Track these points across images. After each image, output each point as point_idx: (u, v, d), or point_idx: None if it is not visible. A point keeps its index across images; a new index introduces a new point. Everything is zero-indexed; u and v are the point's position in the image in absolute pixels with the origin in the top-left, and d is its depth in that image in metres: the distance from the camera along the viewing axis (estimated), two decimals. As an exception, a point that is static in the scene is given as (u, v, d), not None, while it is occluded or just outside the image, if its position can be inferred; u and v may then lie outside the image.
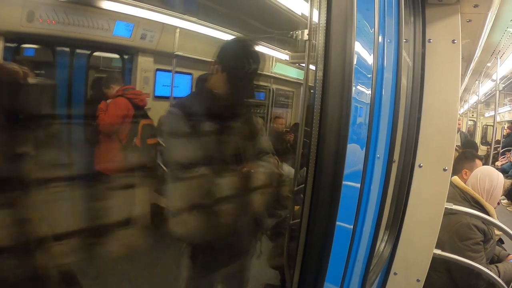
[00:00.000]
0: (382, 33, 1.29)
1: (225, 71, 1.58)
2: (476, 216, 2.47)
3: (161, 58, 2.28)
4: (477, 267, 2.36)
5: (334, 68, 0.87)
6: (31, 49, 1.85)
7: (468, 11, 2.13)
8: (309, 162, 0.90)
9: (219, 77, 1.59)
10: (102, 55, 2.22)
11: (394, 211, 2.11)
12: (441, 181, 2.18)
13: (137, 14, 2.04)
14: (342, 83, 0.87)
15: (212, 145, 1.62)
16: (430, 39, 2.10)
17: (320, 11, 0.92)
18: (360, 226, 1.27)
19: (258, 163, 1.68)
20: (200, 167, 1.55)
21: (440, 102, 2.11)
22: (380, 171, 1.45)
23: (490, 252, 2.67)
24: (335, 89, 0.87)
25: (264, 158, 1.74)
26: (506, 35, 4.65)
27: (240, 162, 1.66)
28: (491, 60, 6.25)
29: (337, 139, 0.87)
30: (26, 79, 1.21)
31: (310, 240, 0.93)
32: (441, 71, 2.10)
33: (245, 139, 1.71)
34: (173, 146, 1.60)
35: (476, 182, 2.74)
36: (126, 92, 1.91)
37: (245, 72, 1.59)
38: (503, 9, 3.50)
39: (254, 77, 1.64)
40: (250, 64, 1.58)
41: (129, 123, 1.88)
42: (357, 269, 1.42)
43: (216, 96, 1.61)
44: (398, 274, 2.26)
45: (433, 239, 2.20)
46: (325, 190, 0.88)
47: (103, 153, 1.87)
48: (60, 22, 1.78)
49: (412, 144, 2.09)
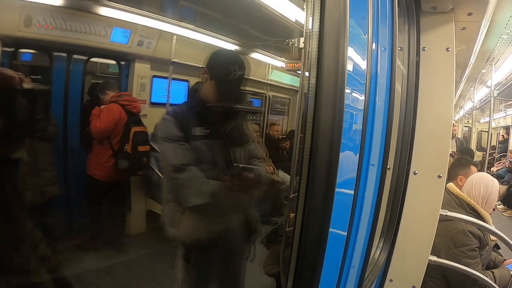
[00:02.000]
0: (376, 41, 1.29)
1: (213, 79, 1.66)
2: (472, 223, 2.48)
3: (158, 65, 2.28)
4: (473, 273, 2.36)
5: (327, 75, 0.88)
6: (28, 54, 1.85)
7: (462, 19, 2.15)
8: (302, 169, 0.91)
9: (208, 85, 1.68)
10: (99, 61, 2.23)
11: (389, 218, 2.11)
12: (436, 187, 2.18)
13: (134, 20, 2.05)
14: (335, 90, 0.87)
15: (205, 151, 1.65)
16: (424, 47, 2.12)
17: (314, 18, 0.93)
18: (354, 233, 1.27)
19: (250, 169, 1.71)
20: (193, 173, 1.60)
21: (434, 109, 2.12)
22: (375, 178, 1.45)
23: (486, 258, 2.67)
24: (328, 96, 0.87)
25: (256, 164, 1.79)
26: (501, 42, 4.70)
27: (231, 168, 1.69)
28: (486, 67, 6.30)
29: (330, 146, 0.87)
30: (21, 85, 1.21)
31: (303, 247, 0.93)
32: (436, 79, 2.11)
33: (236, 145, 1.76)
34: (167, 152, 1.64)
35: (471, 189, 2.75)
36: (119, 98, 1.92)
37: (231, 79, 1.65)
38: (497, 17, 3.54)
39: (240, 83, 1.70)
40: (236, 71, 1.64)
41: (121, 129, 1.89)
42: (352, 276, 1.42)
43: (207, 103, 1.68)
44: (394, 281, 2.25)
45: (428, 245, 2.20)
46: (318, 197, 0.88)
47: (95, 159, 1.87)
48: (57, 28, 1.78)
49: (406, 151, 2.10)
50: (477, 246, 2.52)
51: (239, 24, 2.30)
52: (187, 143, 1.61)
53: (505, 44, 4.78)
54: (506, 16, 3.66)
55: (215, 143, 1.68)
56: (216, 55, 1.80)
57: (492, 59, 5.67)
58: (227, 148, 1.72)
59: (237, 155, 1.75)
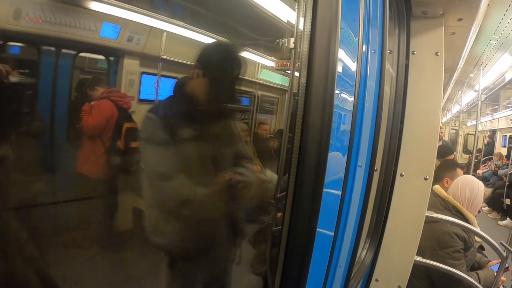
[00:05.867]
0: (367, 43, 1.31)
1: (206, 76, 1.52)
2: (457, 224, 2.51)
3: (147, 61, 2.26)
4: (458, 274, 2.40)
5: (317, 75, 0.88)
6: (16, 47, 1.82)
7: (452, 24, 2.18)
8: (290, 169, 0.91)
9: (199, 82, 1.53)
10: (88, 56, 2.20)
11: (376, 219, 2.14)
12: (422, 189, 2.21)
13: (124, 16, 2.03)
14: (325, 90, 0.88)
15: (191, 151, 1.55)
16: (414, 51, 2.14)
17: (305, 19, 0.93)
18: (341, 233, 1.28)
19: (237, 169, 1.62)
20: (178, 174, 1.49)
21: (422, 112, 2.15)
22: (362, 179, 1.47)
23: (471, 259, 2.71)
24: (317, 96, 0.88)
25: (244, 164, 1.69)
26: (489, 47, 4.76)
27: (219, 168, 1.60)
28: (474, 71, 6.38)
29: (319, 146, 0.87)
30: (8, 78, 1.19)
31: (290, 246, 0.94)
32: (424, 83, 2.14)
33: (225, 146, 1.66)
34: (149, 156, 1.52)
35: (456, 191, 2.79)
36: (110, 94, 1.89)
37: (227, 78, 1.54)
38: (486, 23, 3.59)
39: (236, 84, 1.59)
40: (233, 69, 1.53)
41: (112, 126, 1.86)
42: (339, 275, 1.43)
43: (195, 101, 1.54)
44: (379, 280, 2.28)
45: (414, 246, 2.23)
46: (306, 197, 0.88)
47: (86, 156, 1.84)
48: (47, 21, 1.75)
49: (394, 153, 2.12)
50: (462, 247, 2.56)
51: (230, 22, 2.29)
52: (172, 145, 1.48)
53: (493, 49, 4.84)
54: (496, 22, 3.71)
55: (202, 144, 1.57)
56: (211, 50, 1.65)
57: (480, 64, 5.74)
58: (214, 149, 1.62)
59: (224, 156, 1.65)
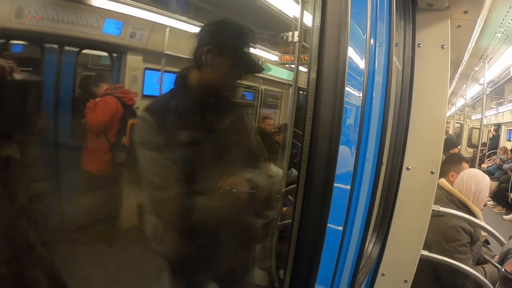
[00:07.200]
0: (374, 36, 1.29)
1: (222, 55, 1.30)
2: (463, 218, 2.50)
3: (150, 57, 2.26)
4: (463, 268, 2.39)
5: (327, 70, 0.87)
6: (19, 45, 1.82)
7: (458, 16, 2.16)
8: (301, 164, 0.90)
9: (209, 69, 1.30)
10: (91, 53, 2.20)
11: (382, 213, 2.13)
12: (429, 183, 2.20)
13: (127, 12, 2.02)
14: (335, 85, 0.87)
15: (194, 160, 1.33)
16: (419, 44, 2.12)
17: (315, 14, 0.92)
18: (349, 228, 1.27)
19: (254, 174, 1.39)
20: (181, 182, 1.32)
21: (428, 106, 2.13)
22: (370, 173, 1.46)
23: (477, 254, 2.71)
24: (328, 91, 0.87)
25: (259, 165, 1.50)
26: (494, 40, 4.73)
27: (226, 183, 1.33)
28: (479, 65, 6.35)
29: (329, 142, 0.87)
30: (12, 75, 1.19)
31: (301, 242, 0.93)
32: (430, 76, 2.12)
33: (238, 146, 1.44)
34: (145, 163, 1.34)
35: (462, 185, 2.78)
36: (114, 91, 1.89)
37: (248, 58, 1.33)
38: (492, 15, 3.57)
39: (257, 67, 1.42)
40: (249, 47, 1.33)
41: (117, 122, 1.86)
42: (347, 270, 1.43)
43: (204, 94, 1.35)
44: (386, 275, 2.28)
45: (420, 240, 2.23)
46: (317, 193, 0.88)
47: (90, 153, 1.84)
48: (49, 19, 1.75)
49: (400, 147, 2.11)
50: (468, 241, 2.55)
51: (233, 16, 2.27)
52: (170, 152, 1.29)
53: (499, 42, 4.82)
54: (501, 15, 3.68)
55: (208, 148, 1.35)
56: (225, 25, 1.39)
57: (485, 57, 5.72)
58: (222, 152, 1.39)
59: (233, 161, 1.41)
